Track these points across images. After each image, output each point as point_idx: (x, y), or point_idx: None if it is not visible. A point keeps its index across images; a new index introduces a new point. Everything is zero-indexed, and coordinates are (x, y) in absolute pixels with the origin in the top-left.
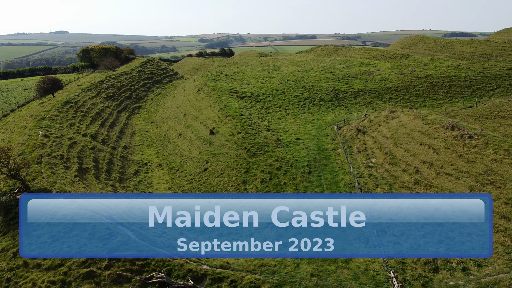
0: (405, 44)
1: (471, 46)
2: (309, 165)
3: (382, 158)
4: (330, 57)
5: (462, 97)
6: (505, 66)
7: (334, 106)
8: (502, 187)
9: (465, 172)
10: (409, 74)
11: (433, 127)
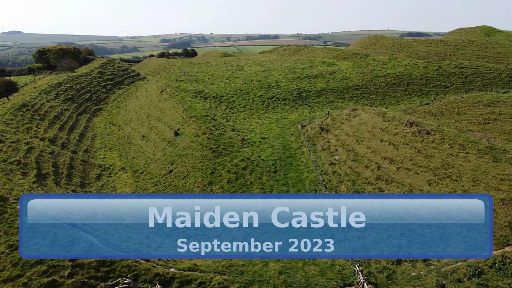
0: (364, 44)
1: (426, 46)
2: (274, 164)
3: (345, 155)
4: (293, 57)
5: (419, 94)
6: (458, 64)
7: (298, 105)
8: (458, 180)
9: (424, 167)
10: (369, 73)
11: (393, 124)
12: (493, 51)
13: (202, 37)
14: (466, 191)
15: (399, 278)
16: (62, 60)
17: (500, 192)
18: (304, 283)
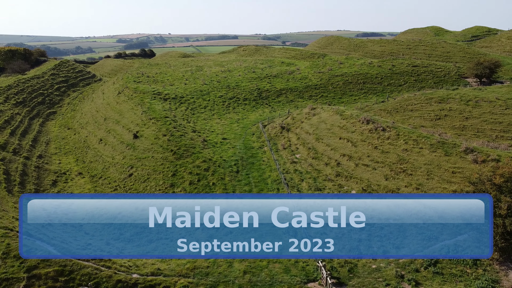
0: (322, 44)
1: (381, 45)
2: (236, 164)
3: (306, 153)
4: (252, 57)
5: (375, 92)
6: (410, 63)
7: (258, 105)
8: (413, 174)
9: (381, 162)
10: (327, 73)
11: (351, 122)
12: (443, 50)
13: (160, 37)
14: (421, 184)
15: (360, 271)
16: (11, 62)
17: (452, 184)
18: (269, 281)
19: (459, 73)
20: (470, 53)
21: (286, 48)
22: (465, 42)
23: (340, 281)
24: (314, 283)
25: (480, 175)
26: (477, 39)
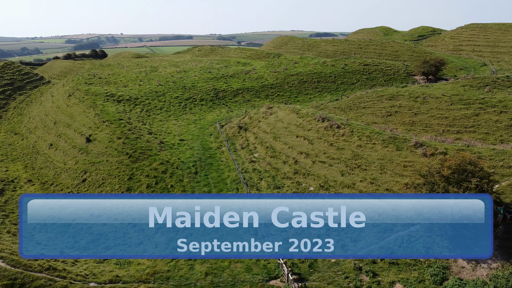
0: (276, 44)
1: (333, 45)
2: (195, 165)
3: (264, 152)
4: (208, 57)
5: (329, 91)
6: (362, 62)
7: (215, 105)
8: (367, 169)
9: (336, 159)
10: (282, 72)
11: (307, 120)
12: (392, 50)
13: (111, 37)
14: (375, 179)
15: (320, 266)
16: None
17: (403, 177)
18: (231, 281)
19: (408, 71)
20: (417, 52)
21: (241, 48)
22: (412, 42)
23: (301, 277)
24: (276, 280)
25: (430, 168)
26: (423, 38)
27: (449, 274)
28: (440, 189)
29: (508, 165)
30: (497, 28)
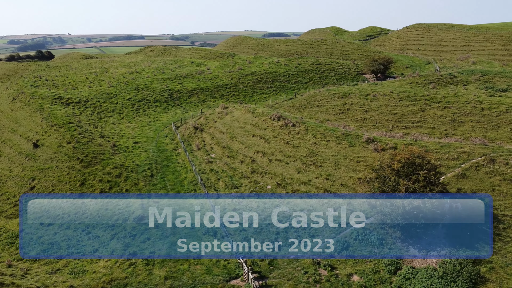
0: (230, 44)
1: (286, 45)
2: (150, 168)
3: (221, 153)
4: (161, 58)
5: (283, 90)
6: (314, 61)
7: (170, 106)
8: (322, 166)
9: (293, 157)
10: (237, 72)
11: (262, 119)
12: (342, 49)
13: (58, 38)
14: (330, 175)
15: (280, 263)
16: None
17: (357, 172)
18: (191, 284)
19: (358, 70)
20: (366, 51)
21: (195, 48)
22: (362, 41)
23: (262, 275)
24: (237, 280)
25: (381, 162)
26: (371, 38)
27: (402, 264)
28: (391, 182)
29: (453, 157)
30: (439, 28)
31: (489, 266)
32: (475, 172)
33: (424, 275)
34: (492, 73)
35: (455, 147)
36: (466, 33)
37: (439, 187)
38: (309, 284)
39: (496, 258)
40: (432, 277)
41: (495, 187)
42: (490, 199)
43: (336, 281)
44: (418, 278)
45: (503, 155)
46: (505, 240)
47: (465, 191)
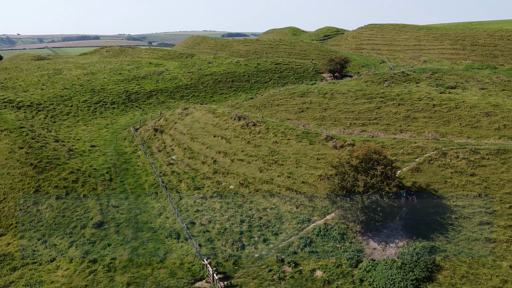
0: (189, 44)
1: (245, 45)
2: (109, 172)
3: (182, 154)
4: (117, 58)
5: (243, 90)
6: (273, 61)
7: (128, 108)
8: (284, 164)
9: (254, 156)
10: (196, 72)
11: (223, 119)
12: (300, 49)
13: (7, 38)
14: (292, 173)
15: (244, 262)
16: None
17: (317, 169)
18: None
19: (316, 69)
20: (324, 51)
21: (153, 48)
22: (319, 41)
23: (227, 275)
24: (202, 281)
25: (340, 159)
26: (328, 38)
27: (363, 256)
28: (350, 178)
29: (408, 152)
30: (392, 28)
31: (444, 255)
32: (428, 165)
33: (384, 267)
34: (442, 71)
35: (410, 143)
36: (417, 33)
37: (395, 181)
38: (273, 282)
39: (450, 246)
40: (392, 268)
41: (447, 179)
42: (443, 191)
43: (300, 277)
44: (378, 270)
45: (454, 149)
46: (457, 230)
47: (419, 184)
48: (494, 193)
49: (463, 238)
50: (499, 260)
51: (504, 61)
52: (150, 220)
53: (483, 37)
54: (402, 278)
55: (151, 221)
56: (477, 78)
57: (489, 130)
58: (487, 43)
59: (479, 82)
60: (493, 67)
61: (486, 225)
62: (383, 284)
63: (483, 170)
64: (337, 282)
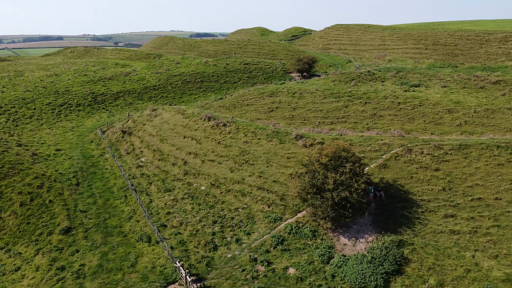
0: (156, 44)
1: (214, 45)
2: (76, 176)
3: (152, 156)
4: (82, 59)
5: (213, 90)
6: (242, 61)
7: (94, 110)
8: (255, 164)
9: (225, 156)
10: (165, 73)
11: (193, 120)
12: (269, 49)
13: None
14: (262, 172)
15: (217, 263)
16: None
17: (288, 168)
18: None
19: (284, 69)
20: (292, 51)
21: (119, 49)
22: (287, 41)
23: (200, 277)
24: (174, 284)
25: (310, 157)
26: (296, 38)
27: (334, 252)
28: (320, 175)
29: (375, 149)
30: (358, 29)
31: (411, 248)
32: (395, 162)
33: (354, 262)
34: (406, 70)
35: (376, 140)
36: (382, 33)
37: (364, 178)
38: (247, 281)
39: (417, 240)
40: (362, 263)
41: (413, 175)
42: (409, 186)
43: (273, 275)
44: (349, 265)
45: (419, 145)
46: (424, 223)
47: (387, 180)
48: (457, 186)
49: (429, 231)
50: (463, 251)
51: (464, 60)
52: (120, 224)
53: (444, 37)
54: (372, 272)
55: (121, 225)
56: (439, 76)
57: (451, 126)
58: (448, 43)
59: (441, 80)
60: (454, 66)
61: (450, 217)
62: (354, 279)
63: (446, 165)
64: (310, 279)
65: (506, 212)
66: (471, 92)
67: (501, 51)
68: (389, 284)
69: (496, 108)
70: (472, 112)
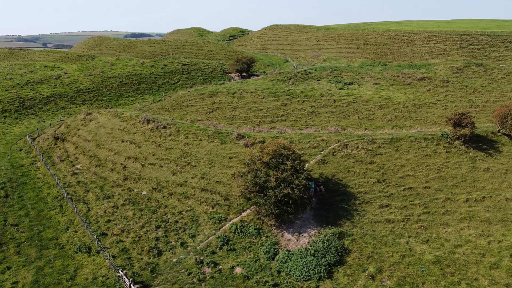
0: (89, 45)
1: (150, 46)
2: (4, 187)
3: (88, 162)
4: (7, 62)
5: (151, 92)
6: (180, 62)
7: (23, 116)
8: (197, 165)
9: (166, 159)
10: (99, 75)
11: (131, 123)
12: (207, 49)
13: None
14: (205, 173)
15: (162, 269)
16: None
17: (231, 168)
18: None
19: (223, 69)
20: (230, 51)
21: (48, 50)
22: (225, 41)
23: (144, 284)
24: None
25: (252, 157)
26: (234, 38)
27: (279, 248)
28: (262, 174)
29: (314, 145)
30: (294, 29)
31: (351, 239)
32: (332, 157)
33: (298, 256)
34: (340, 69)
35: (315, 137)
36: (316, 33)
37: (304, 174)
38: (194, 284)
39: (356, 230)
40: (306, 257)
41: (350, 169)
42: (347, 180)
43: (220, 276)
44: (294, 260)
45: (354, 140)
46: (362, 214)
47: (326, 175)
48: (390, 178)
49: (367, 222)
50: (398, 238)
51: (393, 58)
52: (56, 236)
53: (374, 37)
54: (316, 264)
55: (57, 236)
56: (370, 74)
57: (383, 121)
58: (378, 42)
59: (372, 78)
60: (384, 64)
61: (385, 207)
62: (299, 273)
63: (380, 158)
64: (256, 277)
65: (435, 199)
66: (400, 89)
67: (425, 50)
68: (332, 275)
69: (422, 103)
70: (401, 107)
